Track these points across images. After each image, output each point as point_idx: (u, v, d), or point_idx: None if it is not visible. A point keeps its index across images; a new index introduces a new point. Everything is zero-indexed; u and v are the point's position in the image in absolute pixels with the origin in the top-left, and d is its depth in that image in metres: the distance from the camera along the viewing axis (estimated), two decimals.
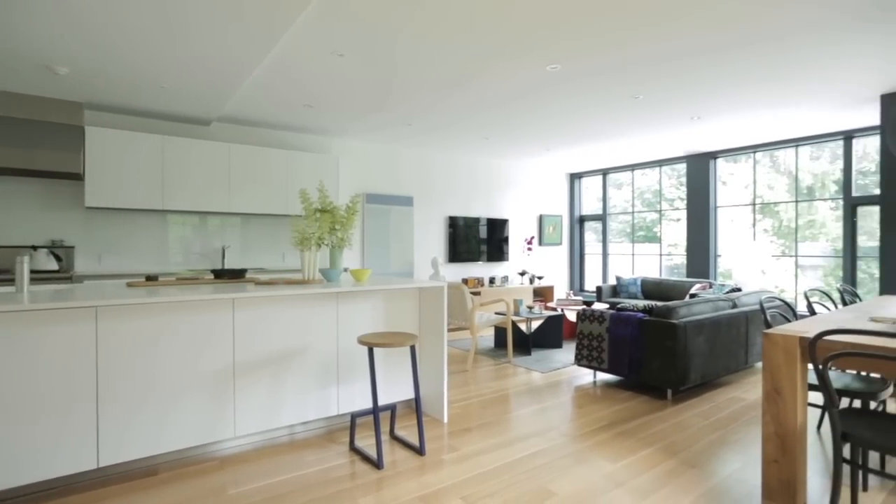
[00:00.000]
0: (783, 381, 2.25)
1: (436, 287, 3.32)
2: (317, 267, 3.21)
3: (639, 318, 3.89)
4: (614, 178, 8.96)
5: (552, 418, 3.35)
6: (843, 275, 6.04)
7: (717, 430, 3.13)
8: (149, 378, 2.51)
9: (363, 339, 2.63)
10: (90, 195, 4.55)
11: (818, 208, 6.52)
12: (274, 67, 3.88)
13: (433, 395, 3.36)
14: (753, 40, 3.40)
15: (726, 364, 4.05)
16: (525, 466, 2.61)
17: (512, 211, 8.46)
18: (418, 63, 3.81)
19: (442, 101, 4.82)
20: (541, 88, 4.42)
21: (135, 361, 2.48)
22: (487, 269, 8.08)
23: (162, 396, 2.55)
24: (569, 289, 9.40)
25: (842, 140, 6.07)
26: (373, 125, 5.75)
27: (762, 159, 6.96)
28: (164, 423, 2.55)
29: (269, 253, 5.92)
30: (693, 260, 7.45)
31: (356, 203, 3.31)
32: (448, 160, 7.62)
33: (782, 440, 2.25)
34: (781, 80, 4.23)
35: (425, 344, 3.44)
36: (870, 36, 3.35)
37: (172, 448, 2.58)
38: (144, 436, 2.50)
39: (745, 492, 2.35)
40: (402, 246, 7.02)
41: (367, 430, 3.15)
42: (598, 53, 3.62)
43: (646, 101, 4.81)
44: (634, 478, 2.48)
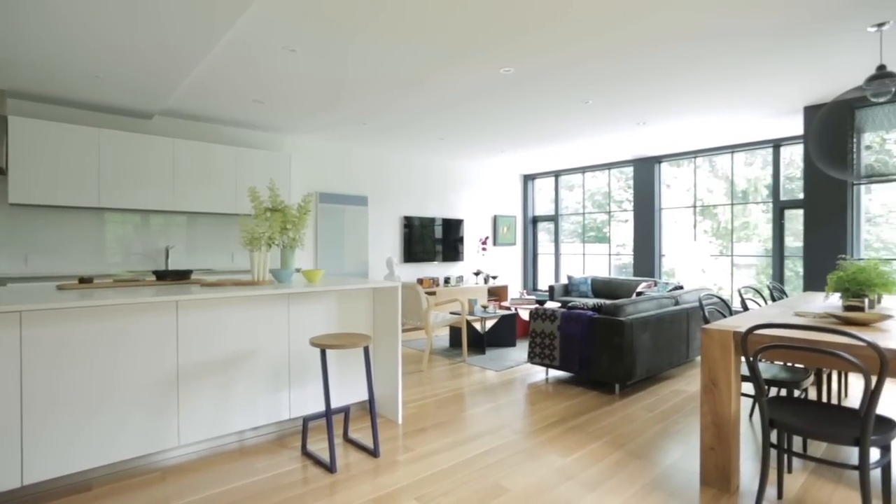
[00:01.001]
0: (719, 373, 2.39)
1: (390, 287, 3.31)
2: (267, 268, 3.12)
3: (588, 316, 4.02)
4: (566, 180, 9.21)
5: (506, 416, 3.41)
6: (772, 273, 6.48)
7: (661, 422, 3.28)
8: (80, 387, 2.36)
9: (315, 341, 2.57)
10: (14, 191, 4.22)
11: (751, 211, 6.97)
12: (221, 60, 3.74)
13: (388, 396, 3.34)
14: (692, 52, 3.59)
15: (669, 358, 4.25)
16: (479, 464, 2.64)
17: (467, 211, 8.53)
18: (373, 62, 3.77)
19: (397, 101, 4.80)
20: (495, 91, 4.49)
21: (64, 370, 2.32)
22: (443, 269, 8.11)
23: (96, 406, 2.40)
24: (522, 288, 9.59)
25: (771, 148, 6.51)
26: (326, 123, 5.64)
27: (702, 164, 7.35)
28: (98, 435, 2.40)
29: (218, 253, 5.69)
30: (640, 259, 7.78)
31: (308, 202, 3.23)
32: (403, 160, 7.60)
33: (718, 429, 2.39)
34: (717, 90, 4.48)
35: (380, 345, 3.42)
36: (794, 53, 3.61)
37: (108, 461, 2.43)
38: (76, 449, 2.34)
39: (685, 479, 2.48)
40: (357, 246, 6.93)
41: (321, 433, 3.09)
42: (550, 59, 3.71)
43: (595, 106, 4.97)
44: (584, 471, 2.56)
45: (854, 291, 2.71)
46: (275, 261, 6.20)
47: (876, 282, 2.66)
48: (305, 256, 6.47)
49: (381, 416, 3.38)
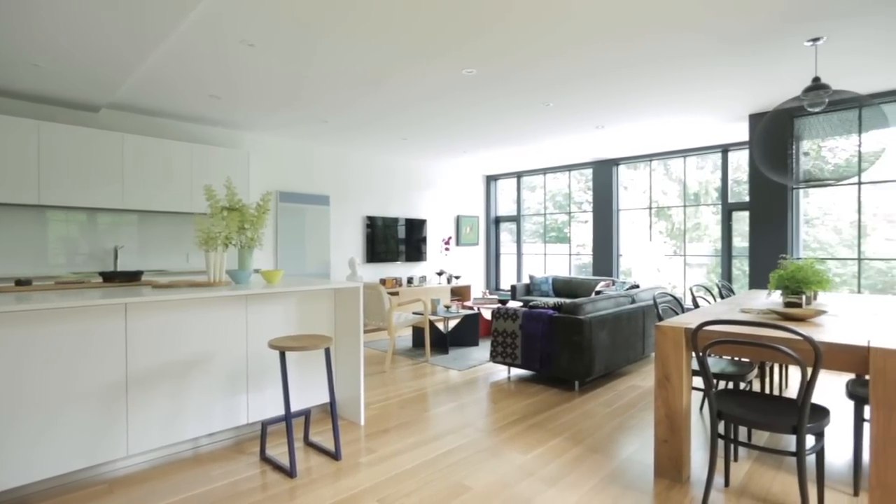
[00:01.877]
0: (672, 368, 2.49)
1: (352, 288, 3.27)
2: (223, 268, 3.02)
3: (549, 315, 4.10)
4: (528, 181, 9.36)
5: (468, 415, 3.44)
6: (721, 271, 6.80)
7: (618, 417, 3.39)
8: (16, 396, 2.22)
9: (274, 343, 2.52)
10: None
11: (702, 213, 7.29)
12: (175, 52, 3.60)
13: (350, 398, 3.30)
14: (647, 59, 3.72)
15: (626, 355, 4.39)
16: (442, 464, 2.65)
17: (430, 211, 8.54)
18: (334, 59, 3.72)
19: (359, 100, 4.75)
20: (458, 91, 4.51)
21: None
22: (406, 269, 8.08)
23: (34, 417, 2.26)
24: (485, 288, 9.68)
25: (720, 153, 6.83)
26: (287, 121, 5.52)
27: (657, 167, 7.64)
28: (37, 447, 2.26)
29: (172, 254, 5.47)
30: (598, 259, 8.00)
31: (267, 201, 3.16)
32: (366, 159, 7.53)
33: (671, 422, 2.49)
34: (670, 96, 4.67)
35: (341, 346, 3.37)
36: (739, 63, 3.80)
37: (49, 475, 2.30)
38: (12, 463, 2.20)
39: (641, 471, 2.57)
40: (318, 246, 6.82)
41: (280, 438, 3.02)
42: (511, 60, 3.77)
43: (555, 108, 5.08)
44: (544, 467, 2.62)
45: (793, 289, 2.89)
46: (232, 261, 6.02)
47: (812, 280, 2.84)
48: (265, 257, 6.31)
49: (343, 418, 3.34)
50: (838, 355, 2.05)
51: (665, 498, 2.29)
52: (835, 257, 5.48)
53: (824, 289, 2.87)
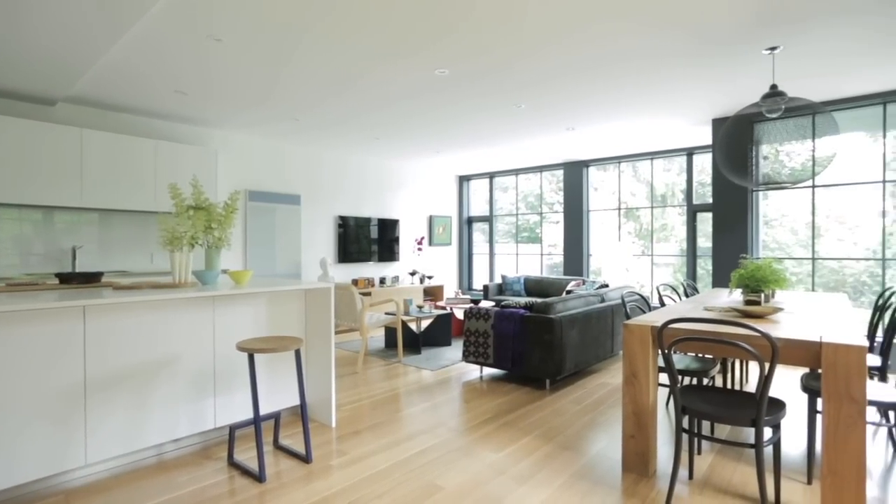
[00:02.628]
0: (639, 365, 2.56)
1: (322, 288, 3.23)
2: (189, 269, 2.94)
3: (521, 314, 4.15)
4: (500, 182, 9.43)
5: (441, 414, 3.44)
6: (686, 271, 7.01)
7: (588, 414, 3.45)
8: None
9: (242, 345, 2.47)
10: None
11: (669, 214, 7.50)
12: (137, 45, 3.48)
13: (321, 400, 3.26)
14: (616, 63, 3.81)
15: (596, 353, 4.48)
16: (414, 464, 2.65)
17: (403, 211, 8.51)
18: (306, 57, 3.67)
19: (331, 99, 4.70)
20: (430, 92, 4.51)
21: None
22: (378, 269, 8.03)
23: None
24: (458, 288, 9.71)
25: (685, 156, 7.04)
26: (257, 118, 5.41)
27: (626, 169, 7.81)
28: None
29: (135, 254, 5.28)
30: (569, 259, 8.13)
31: (236, 200, 3.09)
32: (338, 158, 7.45)
33: (638, 418, 2.55)
34: (638, 100, 4.79)
35: (312, 347, 3.33)
36: (703, 69, 3.92)
37: (0, 486, 2.19)
38: None
39: (609, 466, 2.63)
40: (289, 246, 6.71)
41: (249, 442, 2.96)
42: (483, 62, 3.79)
43: (527, 110, 5.14)
44: (515, 465, 2.65)
45: (752, 287, 3.00)
46: (199, 262, 5.86)
47: (770, 278, 2.96)
48: (233, 257, 6.16)
49: (314, 420, 3.30)
50: (793, 351, 2.14)
51: (632, 492, 2.35)
52: (791, 257, 5.72)
53: (781, 287, 2.99)
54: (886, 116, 4.75)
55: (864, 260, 5.52)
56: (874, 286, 5.23)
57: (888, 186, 4.86)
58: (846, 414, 1.98)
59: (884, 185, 4.82)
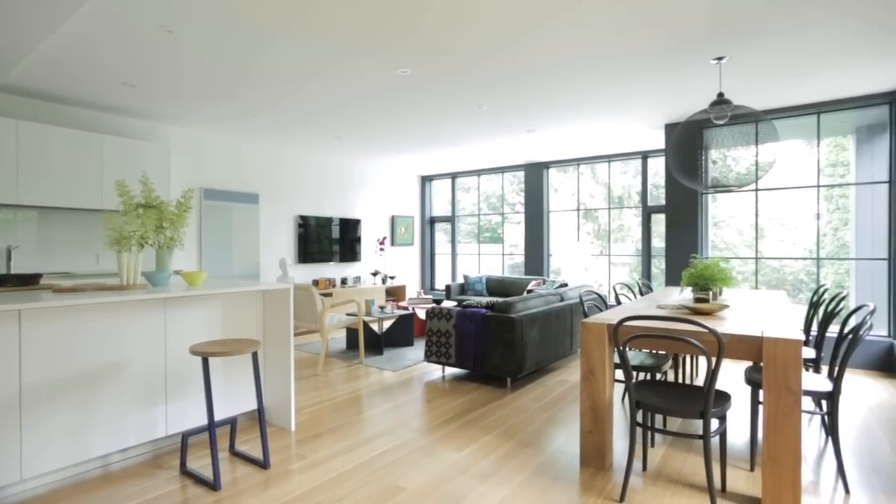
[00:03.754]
0: (596, 362, 2.63)
1: (281, 289, 3.16)
2: (139, 270, 2.81)
3: (482, 314, 4.19)
4: (462, 182, 9.49)
5: (403, 415, 3.43)
6: (641, 270, 7.27)
7: (548, 411, 3.52)
8: None
9: (196, 349, 2.38)
10: None
11: (626, 215, 7.75)
12: (80, 32, 3.29)
13: (280, 404, 3.19)
14: (574, 67, 3.90)
15: (556, 351, 4.58)
16: (376, 465, 2.63)
17: (364, 211, 8.43)
18: (264, 54, 3.57)
19: (291, 96, 4.59)
20: (392, 91, 4.49)
21: None
22: (340, 269, 7.93)
23: None
24: (420, 288, 9.70)
25: (641, 159, 7.30)
26: (213, 114, 5.22)
27: (585, 171, 8.02)
28: None
29: (79, 254, 5.00)
30: (530, 259, 8.27)
31: (189, 198, 2.98)
32: (299, 157, 7.29)
33: (595, 413, 2.63)
34: (595, 104, 4.93)
35: (270, 350, 3.25)
36: (656, 76, 4.08)
37: None
38: None
39: (568, 462, 2.69)
40: (247, 246, 6.52)
41: (204, 449, 2.86)
42: (445, 63, 3.81)
43: (489, 111, 5.19)
44: (476, 463, 2.67)
45: (701, 286, 3.15)
46: (150, 263, 5.61)
47: (717, 277, 3.11)
48: (187, 258, 5.93)
49: (273, 424, 3.22)
50: (738, 345, 2.26)
51: (589, 486, 2.42)
52: (737, 256, 6.03)
53: (728, 285, 3.15)
54: (820, 125, 5.08)
55: (801, 259, 5.88)
56: (810, 283, 5.58)
57: (822, 191, 5.20)
58: (784, 404, 2.11)
59: (818, 189, 5.15)
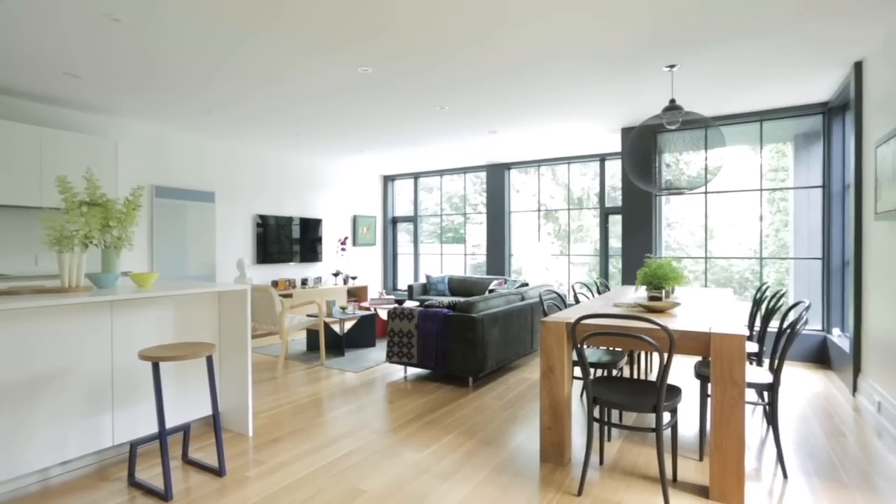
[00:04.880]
0: (555, 360, 2.69)
1: (238, 290, 3.07)
2: (82, 272, 2.66)
3: (444, 314, 4.20)
4: (425, 182, 9.49)
5: (364, 417, 3.40)
6: (599, 269, 7.48)
7: (509, 409, 3.57)
8: None
9: (146, 354, 2.28)
10: None
11: (585, 215, 7.95)
12: (15, 17, 3.09)
13: (236, 408, 3.10)
14: (534, 71, 3.97)
15: (517, 350, 4.65)
16: (336, 469, 2.59)
17: (326, 211, 8.30)
18: (219, 47, 3.46)
19: (249, 92, 4.46)
20: (353, 89, 4.44)
21: None
22: (300, 270, 7.77)
23: None
24: (382, 288, 9.63)
25: (598, 161, 7.51)
26: (164, 108, 5.01)
27: (546, 172, 8.17)
28: None
29: (16, 255, 4.68)
30: (492, 259, 8.35)
31: (138, 196, 2.84)
32: (257, 155, 7.09)
33: (554, 410, 2.68)
34: (555, 107, 5.03)
35: (227, 353, 3.15)
36: (613, 82, 4.21)
37: None
38: None
39: (528, 458, 2.74)
40: (202, 246, 6.29)
41: (154, 458, 2.74)
42: (407, 62, 3.79)
43: (451, 112, 5.21)
44: (438, 463, 2.68)
45: (655, 284, 3.27)
46: (96, 264, 5.32)
47: (670, 276, 3.23)
48: (137, 259, 5.66)
49: (229, 430, 3.12)
50: (688, 341, 2.36)
51: (549, 481, 2.47)
52: (689, 256, 6.30)
53: (680, 284, 3.28)
54: (763, 133, 5.37)
55: (746, 259, 6.20)
56: (755, 281, 5.89)
57: (764, 194, 5.50)
58: (729, 396, 2.22)
59: (761, 192, 5.44)
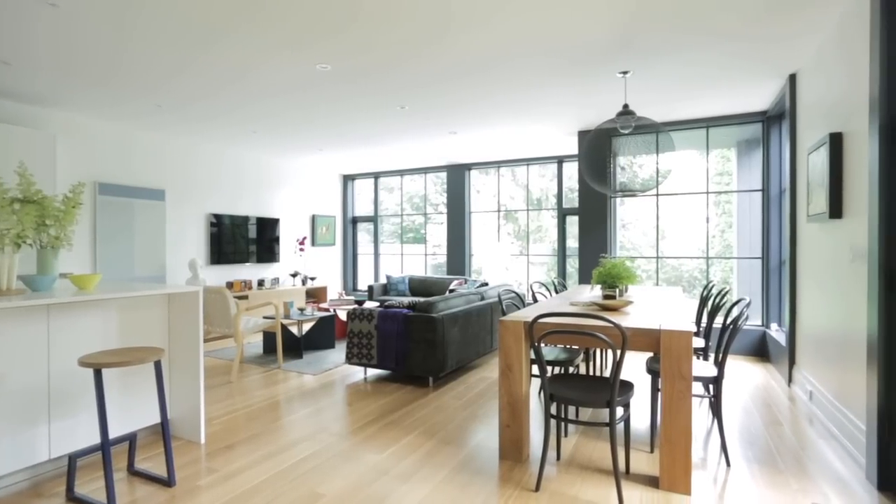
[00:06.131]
0: (513, 358, 2.73)
1: (189, 292, 2.95)
2: (13, 273, 2.49)
3: (404, 314, 4.19)
4: (385, 182, 9.42)
5: (323, 420, 3.34)
6: (557, 269, 7.65)
7: (469, 408, 3.60)
8: None
9: (87, 360, 2.15)
10: None
11: (543, 216, 8.11)
12: None
13: (188, 415, 2.98)
14: (494, 74, 4.02)
15: (476, 349, 4.69)
16: (293, 474, 2.54)
17: (284, 210, 8.10)
18: (169, 37, 3.31)
19: (200, 86, 4.29)
20: (311, 87, 4.35)
21: None
22: (257, 270, 7.55)
23: None
24: (342, 289, 9.50)
25: (556, 163, 7.68)
26: (109, 100, 4.74)
27: (505, 174, 8.29)
28: None
29: None
30: (452, 259, 8.39)
31: (79, 193, 2.69)
32: (211, 152, 6.84)
33: (513, 408, 2.73)
34: (514, 109, 5.11)
35: (177, 357, 3.02)
36: (569, 86, 4.32)
37: None
38: None
39: (488, 456, 2.77)
40: (151, 247, 6.00)
41: (96, 470, 2.59)
42: (366, 60, 3.76)
43: (411, 112, 5.20)
44: (398, 464, 2.67)
45: (609, 283, 3.37)
46: (31, 265, 4.99)
47: (623, 275, 3.35)
48: (79, 260, 5.34)
49: (180, 438, 3.00)
50: (640, 338, 2.45)
51: (508, 478, 2.50)
52: (642, 256, 6.53)
53: (633, 283, 3.40)
54: (709, 138, 5.65)
55: (694, 258, 6.50)
56: (702, 280, 6.19)
57: (711, 197, 5.79)
58: (678, 389, 2.32)
59: (707, 195, 5.72)
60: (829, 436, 3.05)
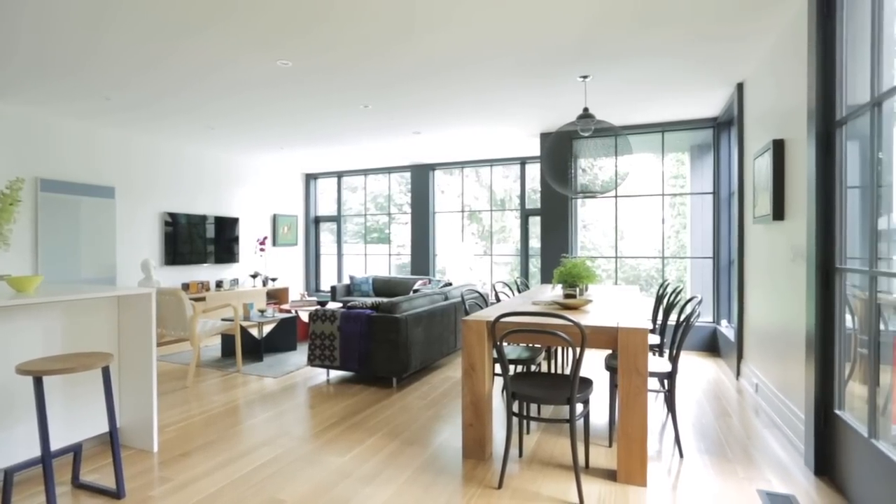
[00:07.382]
0: (476, 358, 2.75)
1: (140, 294, 2.83)
2: None
3: (367, 314, 4.15)
4: (349, 182, 9.31)
5: (284, 423, 3.27)
6: (521, 269, 7.76)
7: (432, 408, 3.60)
8: None
9: (25, 368, 2.03)
10: None
11: (507, 217, 8.21)
12: None
13: (139, 422, 2.85)
14: (458, 75, 4.04)
15: (440, 349, 4.70)
16: (252, 480, 2.47)
17: (243, 209, 7.88)
18: (117, 23, 3.16)
19: (151, 78, 4.11)
20: (271, 83, 4.25)
21: None
22: (215, 271, 7.31)
23: None
24: (304, 290, 9.32)
25: (519, 164, 7.79)
26: (52, 91, 4.48)
27: (469, 174, 8.34)
28: None
29: None
30: (416, 259, 8.38)
31: (17, 190, 2.53)
32: (165, 148, 6.57)
33: (476, 407, 2.75)
34: (477, 109, 5.15)
35: (128, 363, 2.89)
36: (532, 88, 4.39)
37: None
38: None
39: (451, 456, 2.78)
40: (100, 247, 5.71)
41: (37, 485, 2.45)
42: (328, 58, 3.70)
43: (374, 111, 5.16)
44: (361, 466, 2.64)
45: (570, 283, 3.45)
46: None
47: (584, 275, 3.43)
48: (18, 260, 5.02)
49: (130, 447, 2.87)
50: (598, 336, 2.52)
51: (471, 477, 2.52)
52: (602, 255, 6.71)
53: (592, 282, 3.49)
54: (665, 142, 5.87)
55: (651, 258, 6.73)
56: (658, 279, 6.41)
57: (666, 199, 6.01)
58: (634, 385, 2.40)
59: (663, 197, 5.94)
60: (772, 425, 3.22)
